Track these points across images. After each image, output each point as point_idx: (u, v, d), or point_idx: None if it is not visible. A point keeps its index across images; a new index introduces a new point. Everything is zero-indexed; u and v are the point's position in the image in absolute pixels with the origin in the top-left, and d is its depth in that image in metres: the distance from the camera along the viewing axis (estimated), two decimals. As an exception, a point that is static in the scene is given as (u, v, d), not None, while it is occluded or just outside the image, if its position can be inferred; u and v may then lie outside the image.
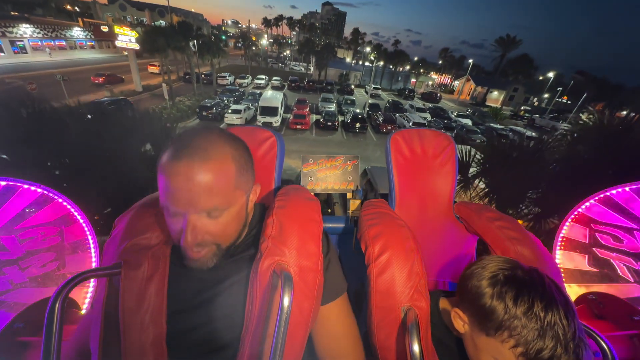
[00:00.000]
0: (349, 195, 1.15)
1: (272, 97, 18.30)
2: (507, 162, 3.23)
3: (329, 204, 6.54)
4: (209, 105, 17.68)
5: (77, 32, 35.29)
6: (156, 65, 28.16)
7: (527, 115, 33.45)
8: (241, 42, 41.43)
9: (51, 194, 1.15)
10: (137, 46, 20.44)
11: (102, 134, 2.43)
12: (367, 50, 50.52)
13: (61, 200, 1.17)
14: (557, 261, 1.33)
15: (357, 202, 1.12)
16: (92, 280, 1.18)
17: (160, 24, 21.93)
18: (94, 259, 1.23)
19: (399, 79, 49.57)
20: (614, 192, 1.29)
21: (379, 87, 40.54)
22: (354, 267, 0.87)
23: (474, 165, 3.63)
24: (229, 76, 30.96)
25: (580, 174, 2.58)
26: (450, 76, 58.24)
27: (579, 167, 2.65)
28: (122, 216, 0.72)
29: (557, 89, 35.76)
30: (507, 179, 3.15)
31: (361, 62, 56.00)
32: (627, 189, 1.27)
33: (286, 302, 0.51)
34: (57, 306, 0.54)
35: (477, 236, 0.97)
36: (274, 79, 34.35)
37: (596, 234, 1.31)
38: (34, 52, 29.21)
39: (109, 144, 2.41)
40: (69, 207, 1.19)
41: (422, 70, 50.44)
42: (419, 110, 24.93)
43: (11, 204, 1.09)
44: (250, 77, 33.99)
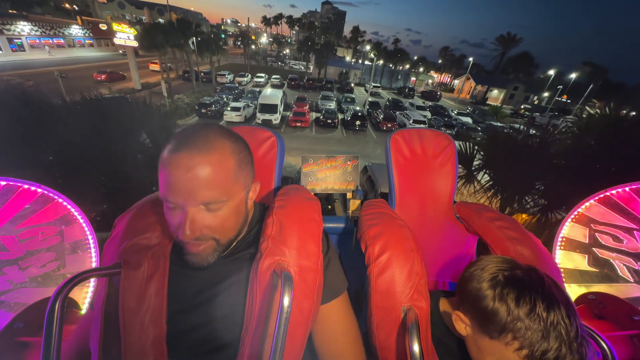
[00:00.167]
0: (349, 195, 1.15)
1: (272, 95, 18.12)
2: (511, 154, 3.18)
3: (329, 200, 6.57)
4: (208, 102, 17.52)
5: (76, 30, 35.15)
6: (157, 63, 28.15)
7: (527, 113, 33.34)
8: (240, 41, 41.20)
9: (51, 194, 1.15)
10: (135, 43, 20.28)
11: (96, 125, 2.42)
12: (367, 48, 50.29)
13: (61, 200, 1.17)
14: (557, 261, 1.33)
15: (357, 202, 1.12)
16: (92, 280, 1.18)
17: (159, 22, 21.85)
18: (94, 259, 1.23)
19: (399, 77, 49.35)
20: (614, 192, 1.29)
21: (379, 85, 40.26)
22: (354, 267, 0.87)
23: (477, 158, 3.57)
24: (229, 74, 30.76)
25: (588, 165, 2.55)
26: (450, 75, 58.10)
27: (587, 158, 2.61)
28: (122, 216, 0.72)
29: (558, 87, 35.70)
30: (512, 171, 3.11)
31: (361, 60, 55.78)
32: (627, 189, 1.27)
33: (286, 302, 0.51)
34: (57, 306, 0.54)
35: (477, 236, 0.97)
36: (274, 77, 34.15)
37: (596, 234, 1.31)
38: (32, 50, 29.17)
39: (104, 134, 2.39)
40: (69, 207, 1.19)
41: (421, 69, 50.34)
42: (419, 108, 24.80)
43: (11, 204, 1.09)
44: (249, 76, 33.60)
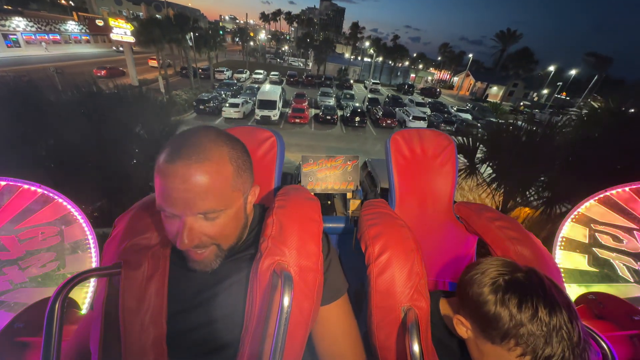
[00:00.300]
0: (349, 195, 1.15)
1: (271, 91, 17.74)
2: (516, 145, 3.14)
3: (328, 196, 6.60)
4: (206, 98, 17.29)
5: (72, 26, 34.59)
6: (158, 59, 28.28)
7: (526, 110, 33.25)
8: (239, 37, 40.95)
9: (51, 194, 1.15)
10: (132, 39, 20.02)
11: (89, 112, 2.41)
12: (366, 44, 49.98)
13: (61, 200, 1.17)
14: (557, 261, 1.33)
15: (357, 202, 1.11)
16: (92, 280, 1.18)
17: (156, 17, 21.63)
18: (94, 259, 1.23)
19: (398, 74, 49.20)
20: (614, 192, 1.29)
21: (378, 82, 39.95)
22: (354, 267, 0.87)
23: (480, 151, 3.53)
24: (227, 71, 30.55)
25: (595, 156, 2.52)
26: (449, 72, 57.98)
27: (593, 149, 2.59)
28: (122, 216, 0.72)
29: (557, 84, 35.60)
30: (515, 162, 3.08)
31: (360, 57, 55.65)
32: (627, 189, 1.27)
33: (286, 302, 0.51)
34: (57, 306, 0.54)
35: (477, 236, 0.97)
36: (272, 73, 33.79)
37: (596, 234, 1.31)
38: (28, 46, 28.93)
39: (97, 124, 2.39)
40: (69, 207, 1.19)
41: (421, 65, 50.21)
42: (419, 104, 24.59)
43: (11, 204, 1.09)
44: (248, 72, 33.19)
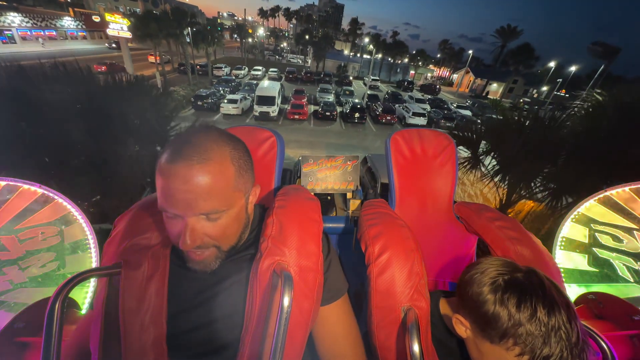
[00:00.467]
0: (349, 195, 1.15)
1: (269, 87, 17.60)
2: (520, 137, 3.10)
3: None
4: (204, 94, 17.08)
5: (68, 22, 34.02)
6: (156, 55, 28.21)
7: (526, 107, 33.37)
8: (237, 33, 40.61)
9: (51, 194, 1.15)
10: (129, 34, 19.72)
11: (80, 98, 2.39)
12: (366, 41, 49.77)
13: (61, 200, 1.17)
14: (557, 261, 1.33)
15: (357, 202, 1.11)
16: (92, 280, 1.18)
17: (152, 11, 21.40)
18: (94, 259, 1.23)
19: (398, 70, 49.01)
20: (614, 192, 1.29)
21: (378, 78, 39.80)
22: (354, 267, 0.87)
23: (482, 146, 3.49)
24: (225, 67, 30.25)
25: (602, 146, 2.49)
26: (449, 69, 57.89)
27: (600, 139, 2.57)
28: (122, 216, 0.72)
29: (557, 81, 35.48)
30: (520, 154, 3.04)
31: (359, 54, 55.53)
32: (627, 189, 1.27)
33: (286, 302, 0.51)
34: (57, 306, 0.54)
35: (477, 236, 0.97)
36: (271, 70, 33.40)
37: (596, 234, 1.31)
38: (24, 42, 28.65)
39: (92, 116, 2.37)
40: (69, 207, 1.19)
41: (420, 63, 50.05)
42: (419, 101, 24.55)
43: (11, 204, 1.09)
44: (246, 69, 33.01)
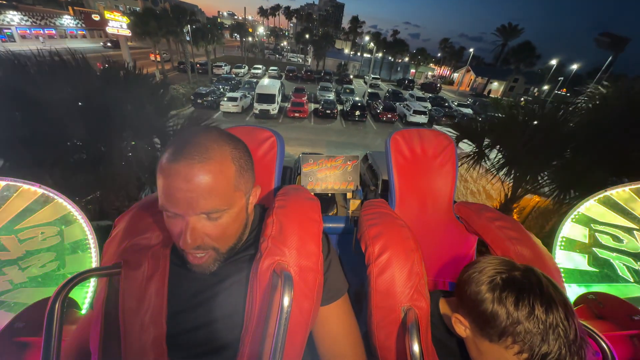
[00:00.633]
0: (349, 195, 1.15)
1: (270, 85, 17.66)
2: (526, 130, 3.08)
3: None
4: (204, 92, 17.01)
5: (68, 21, 33.77)
6: (158, 53, 28.06)
7: (527, 105, 33.23)
8: (237, 32, 40.53)
9: (51, 194, 1.15)
10: (128, 32, 19.69)
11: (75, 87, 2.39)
12: (366, 39, 49.61)
13: (61, 200, 1.17)
14: (557, 261, 1.33)
15: (357, 202, 1.11)
16: (92, 280, 1.18)
17: (152, 8, 21.38)
18: (94, 259, 1.23)
19: (398, 69, 48.87)
20: (614, 192, 1.29)
21: (378, 77, 39.67)
22: (354, 267, 0.87)
23: (488, 136, 3.45)
24: (225, 65, 30.23)
25: (607, 140, 2.48)
26: (449, 68, 57.83)
27: (606, 133, 2.56)
28: (122, 216, 0.72)
29: (558, 79, 35.26)
30: (527, 146, 3.02)
31: (359, 53, 55.42)
32: (627, 189, 1.27)
33: (286, 302, 0.51)
34: (57, 306, 0.53)
35: (477, 236, 0.97)
36: (272, 68, 33.46)
37: (596, 234, 1.31)
38: (23, 41, 28.37)
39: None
40: (69, 207, 1.19)
41: (421, 62, 49.96)
42: (420, 99, 24.38)
43: (11, 204, 1.10)
44: (246, 67, 32.98)
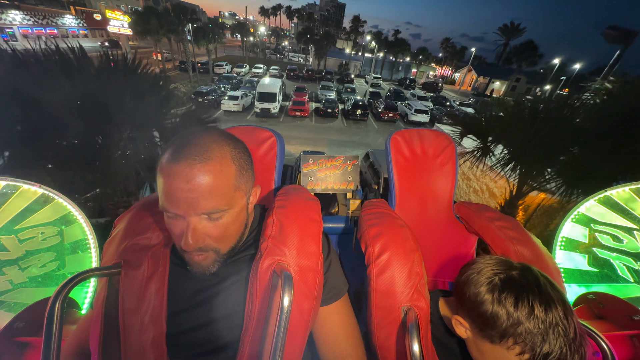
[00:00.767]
0: (349, 195, 1.15)
1: (271, 83, 17.60)
2: (533, 124, 3.02)
3: None
4: (205, 91, 16.97)
5: (69, 20, 33.73)
6: (161, 52, 27.76)
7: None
8: (238, 31, 40.67)
9: (51, 194, 1.15)
10: (130, 31, 19.70)
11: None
12: (367, 38, 49.70)
13: (61, 200, 1.17)
14: (557, 261, 1.33)
15: (357, 202, 1.11)
16: (92, 280, 1.18)
17: (153, 7, 21.42)
18: (94, 259, 1.23)
19: (400, 69, 48.86)
20: (614, 192, 1.29)
21: (380, 76, 39.57)
22: (354, 267, 0.87)
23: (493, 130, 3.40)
24: (226, 65, 30.40)
25: (616, 135, 2.45)
26: (451, 68, 57.87)
27: (617, 127, 2.52)
28: (122, 216, 0.72)
29: (561, 79, 35.07)
30: (535, 140, 2.97)
31: (361, 52, 55.37)
32: (627, 189, 1.27)
33: (286, 302, 0.51)
34: (57, 306, 0.53)
35: (477, 236, 0.97)
36: (273, 67, 33.45)
37: (596, 234, 1.31)
38: (25, 40, 28.36)
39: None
40: (69, 207, 1.18)
41: (422, 62, 49.89)
42: (421, 98, 24.39)
43: (11, 204, 1.09)
44: (247, 66, 33.25)
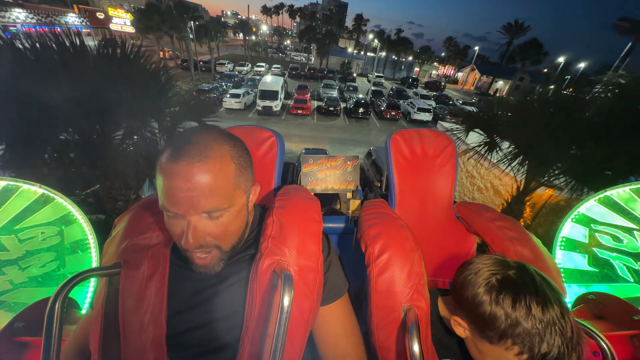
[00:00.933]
0: (349, 195, 1.15)
1: (273, 81, 17.46)
2: (542, 118, 3.00)
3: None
4: (206, 89, 16.86)
5: (72, 19, 33.83)
6: (167, 51, 27.38)
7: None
8: (240, 30, 40.57)
9: (51, 194, 1.15)
10: (132, 29, 19.80)
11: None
12: (370, 37, 49.59)
13: (61, 200, 1.17)
14: (557, 261, 1.33)
15: (357, 202, 1.11)
16: (92, 280, 1.18)
17: (155, 4, 21.39)
18: (94, 259, 1.23)
19: (402, 68, 48.78)
20: (614, 192, 1.29)
21: (382, 75, 39.30)
22: (354, 267, 0.87)
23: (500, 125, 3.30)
24: (228, 63, 30.40)
25: (628, 129, 2.44)
26: (453, 67, 57.83)
27: (629, 121, 2.52)
28: (122, 216, 0.72)
29: (565, 78, 34.92)
30: (542, 134, 2.95)
31: (363, 51, 55.31)
32: (627, 189, 1.27)
33: (286, 301, 0.51)
34: (57, 306, 0.53)
35: (477, 236, 0.97)
36: (275, 66, 33.35)
37: (596, 234, 1.31)
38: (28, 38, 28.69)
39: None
40: (69, 207, 1.19)
41: (425, 61, 49.77)
42: (424, 97, 24.24)
43: (11, 204, 1.10)
44: (249, 65, 33.25)
